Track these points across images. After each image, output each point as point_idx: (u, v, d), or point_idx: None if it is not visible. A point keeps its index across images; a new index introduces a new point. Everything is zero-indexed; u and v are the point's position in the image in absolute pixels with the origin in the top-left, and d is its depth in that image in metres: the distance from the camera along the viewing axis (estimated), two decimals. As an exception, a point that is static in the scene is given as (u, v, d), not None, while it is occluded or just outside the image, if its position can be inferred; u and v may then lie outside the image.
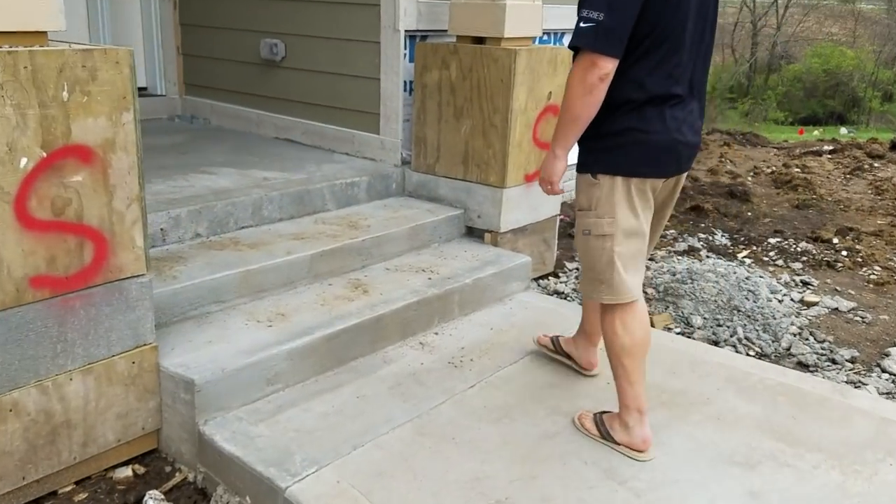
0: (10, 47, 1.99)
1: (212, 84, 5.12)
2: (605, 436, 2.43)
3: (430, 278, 3.34)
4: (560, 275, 4.38)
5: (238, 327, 2.74)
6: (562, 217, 5.09)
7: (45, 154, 2.03)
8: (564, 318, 3.38)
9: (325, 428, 2.42)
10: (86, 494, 2.32)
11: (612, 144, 2.23)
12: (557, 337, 2.98)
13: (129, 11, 5.20)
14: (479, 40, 3.84)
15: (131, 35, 5.18)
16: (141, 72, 5.25)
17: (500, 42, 3.75)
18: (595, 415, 2.51)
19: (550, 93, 3.94)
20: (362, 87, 4.21)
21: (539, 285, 4.19)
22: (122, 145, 2.19)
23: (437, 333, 3.19)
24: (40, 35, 2.08)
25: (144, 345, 2.39)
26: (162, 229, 3.09)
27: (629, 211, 2.27)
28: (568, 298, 4.02)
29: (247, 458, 2.24)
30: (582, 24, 2.07)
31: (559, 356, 2.96)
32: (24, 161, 2.00)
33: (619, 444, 2.40)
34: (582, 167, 2.34)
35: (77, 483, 2.36)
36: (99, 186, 2.17)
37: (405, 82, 4.09)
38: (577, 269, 4.51)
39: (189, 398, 2.37)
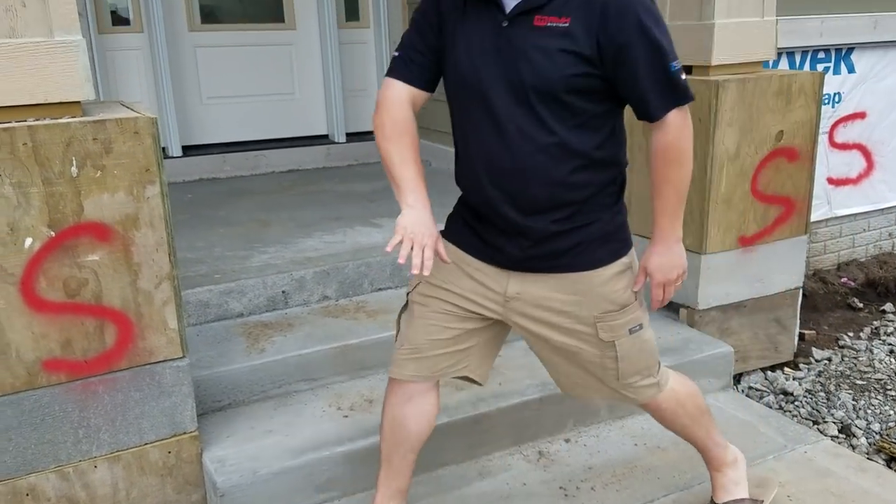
0: (35, 120, 1.90)
1: (431, 125, 4.93)
2: None
3: (575, 368, 2.72)
4: (801, 366, 3.38)
5: (313, 414, 2.43)
6: (843, 279, 4.00)
7: (53, 233, 1.91)
8: (763, 438, 2.53)
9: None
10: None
11: (624, 209, 1.83)
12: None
13: (309, 56, 5.15)
14: (686, 69, 3.08)
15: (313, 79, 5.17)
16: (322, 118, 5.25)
17: (708, 71, 2.97)
18: None
19: (781, 132, 3.03)
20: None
21: (766, 378, 3.26)
22: (146, 221, 2.01)
23: (567, 440, 2.57)
24: (73, 105, 1.98)
25: (183, 433, 2.19)
26: (284, 292, 2.91)
27: None
28: (796, 403, 3.05)
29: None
30: (683, 76, 1.65)
31: None
32: (28, 241, 1.89)
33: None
34: (612, 255, 1.78)
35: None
36: (120, 266, 2.00)
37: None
38: (829, 359, 3.45)
39: (217, 501, 2.11)
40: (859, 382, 3.24)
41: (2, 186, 1.84)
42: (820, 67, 3.95)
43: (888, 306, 4.00)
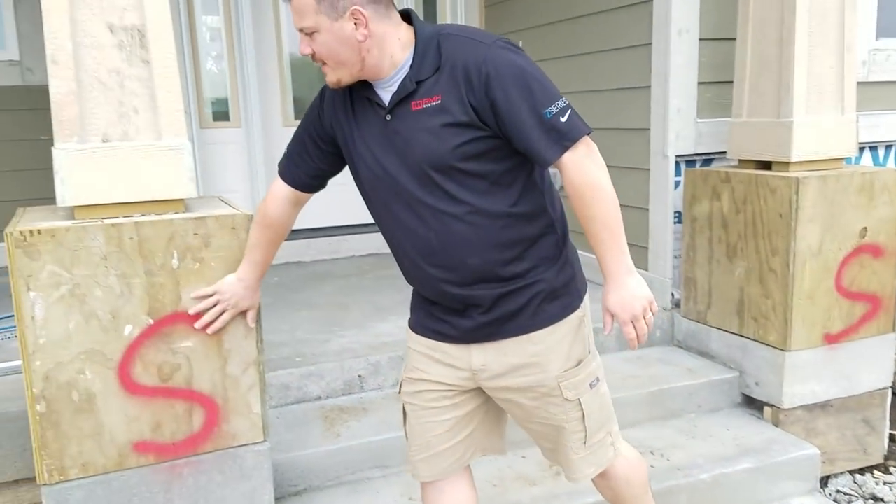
0: (141, 216, 2.06)
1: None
2: None
3: (652, 466, 2.66)
4: (892, 469, 3.21)
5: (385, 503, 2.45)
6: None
7: (151, 321, 2.04)
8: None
9: None
10: None
11: (572, 259, 1.83)
12: None
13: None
14: (766, 165, 3.09)
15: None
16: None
17: (788, 167, 2.96)
18: None
19: (865, 229, 2.98)
20: (629, 218, 3.67)
21: (855, 482, 3.11)
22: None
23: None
24: (177, 202, 2.14)
25: (261, 518, 2.24)
26: (360, 376, 2.98)
27: None
28: (889, 509, 2.89)
29: None
30: (565, 115, 1.63)
31: None
32: (128, 328, 2.03)
33: None
34: (564, 310, 1.79)
35: None
36: (211, 352, 2.11)
37: (675, 213, 3.47)
38: (924, 462, 3.26)
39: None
40: (960, 492, 3.04)
41: (107, 277, 1.99)
42: (906, 161, 3.87)
43: None
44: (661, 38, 3.39)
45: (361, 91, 1.70)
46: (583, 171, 1.62)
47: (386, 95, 1.67)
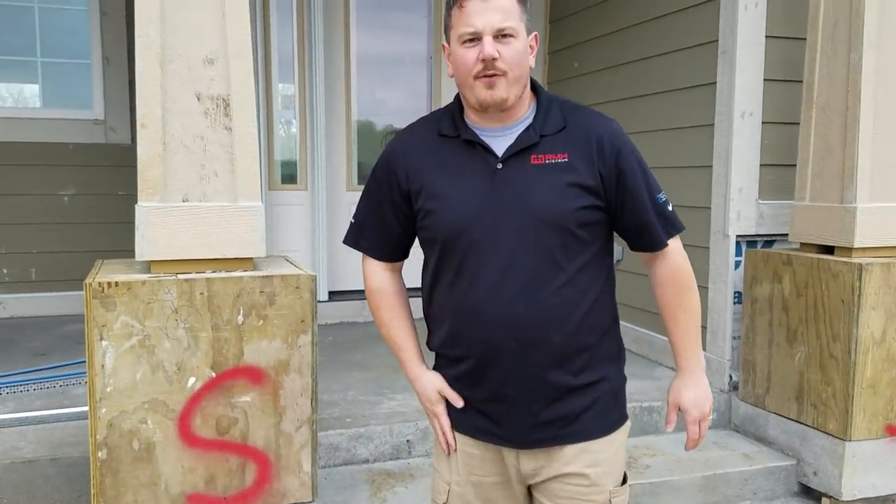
0: (213, 272, 2.16)
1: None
2: None
3: (703, 553, 2.59)
4: (963, 575, 3.04)
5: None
6: None
7: (213, 374, 2.12)
8: None
9: None
10: None
11: (623, 360, 1.71)
12: None
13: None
14: (828, 249, 3.06)
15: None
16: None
17: (851, 252, 2.93)
18: None
19: (931, 318, 2.90)
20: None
21: (921, 585, 2.96)
22: (296, 367, 2.18)
23: None
24: (246, 260, 2.23)
25: (305, 579, 2.25)
26: (408, 441, 2.99)
27: None
28: None
29: None
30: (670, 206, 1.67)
31: None
32: (192, 381, 2.10)
33: None
34: (622, 417, 1.67)
35: None
36: (268, 408, 2.17)
37: (735, 293, 3.44)
38: None
39: None
40: None
41: (176, 330, 2.08)
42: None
43: None
44: (723, 119, 3.43)
45: (465, 134, 1.57)
46: (685, 258, 1.64)
47: (498, 143, 1.55)
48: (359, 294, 5.12)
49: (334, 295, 5.07)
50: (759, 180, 3.42)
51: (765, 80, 3.38)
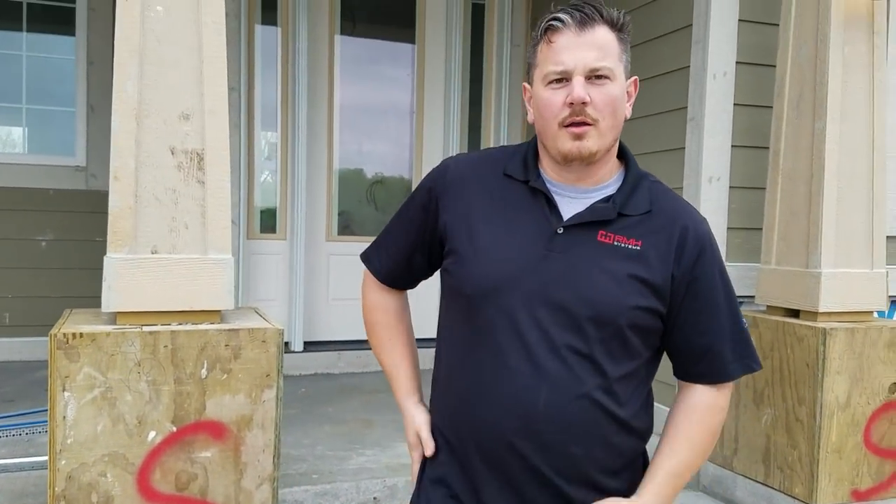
0: (178, 325, 2.17)
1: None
2: None
3: None
4: None
5: None
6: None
7: (174, 429, 2.11)
8: None
9: None
10: None
11: None
12: None
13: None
14: (794, 312, 3.11)
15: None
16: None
17: (816, 317, 2.98)
18: None
19: (895, 384, 2.94)
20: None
21: None
22: (259, 423, 2.18)
23: None
24: (214, 313, 2.25)
25: None
26: (375, 498, 2.96)
27: None
28: None
29: None
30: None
31: None
32: (152, 434, 2.09)
33: None
34: None
35: None
36: (228, 464, 2.16)
37: (704, 354, 3.47)
38: None
39: None
40: None
41: (138, 383, 2.08)
42: (942, 316, 3.84)
43: None
44: (691, 183, 3.51)
45: (534, 181, 1.33)
46: (726, 402, 1.39)
47: (567, 204, 1.32)
48: (335, 345, 5.11)
49: (310, 346, 5.06)
50: (727, 243, 3.48)
51: (733, 146, 3.48)
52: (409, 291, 1.60)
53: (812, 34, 3.05)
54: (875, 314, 3.12)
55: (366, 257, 1.55)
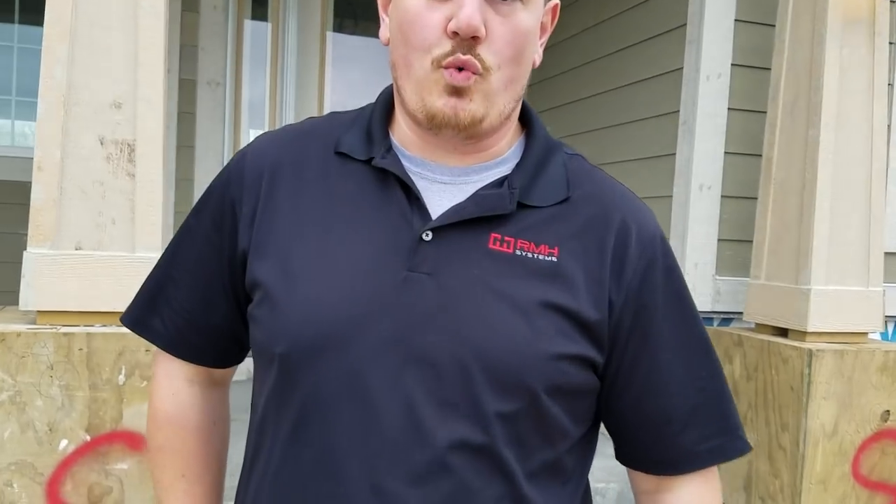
0: (102, 326, 2.03)
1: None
2: None
3: None
4: None
5: None
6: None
7: (88, 438, 1.97)
8: None
9: None
10: None
11: None
12: None
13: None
14: (783, 332, 2.91)
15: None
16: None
17: (804, 336, 2.78)
18: None
19: (887, 412, 2.74)
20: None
21: None
22: (181, 435, 2.03)
23: None
24: (141, 315, 2.10)
25: None
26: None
27: None
28: None
29: None
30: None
31: None
32: (64, 443, 1.95)
33: None
34: None
35: None
36: (146, 477, 2.01)
37: (688, 372, 3.28)
38: None
39: None
40: None
41: (50, 387, 1.94)
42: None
43: None
44: (681, 191, 3.32)
45: (380, 158, 0.85)
46: (718, 485, 0.93)
47: (438, 193, 0.85)
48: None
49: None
50: (717, 255, 3.29)
51: (725, 152, 3.29)
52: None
53: (808, 35, 2.85)
54: (875, 335, 2.92)
55: (136, 320, 0.97)
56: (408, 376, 0.78)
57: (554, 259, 0.83)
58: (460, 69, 0.77)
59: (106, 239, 2.08)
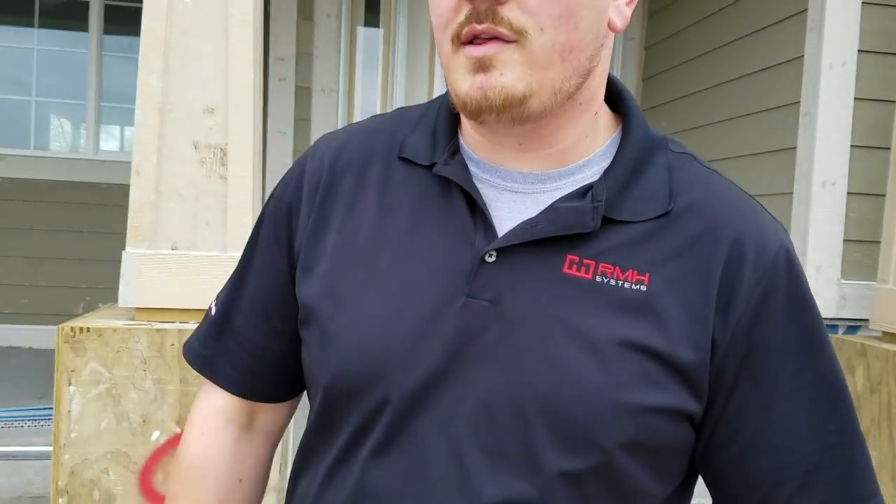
0: (196, 322, 2.11)
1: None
2: None
3: None
4: None
5: None
6: None
7: (178, 430, 2.04)
8: None
9: None
10: None
11: None
12: None
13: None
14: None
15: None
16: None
17: (935, 346, 2.51)
18: None
19: None
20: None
21: None
22: (265, 431, 2.07)
23: None
24: (231, 313, 2.17)
25: None
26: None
27: None
28: None
29: None
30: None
31: None
32: (156, 434, 2.04)
33: None
34: None
35: None
36: (233, 470, 2.07)
37: (808, 384, 3.04)
38: None
39: None
40: None
41: (144, 381, 2.03)
42: None
43: None
44: (802, 188, 3.09)
45: (442, 165, 0.73)
46: None
47: (506, 206, 0.73)
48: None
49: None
50: (842, 258, 3.03)
51: (851, 146, 3.02)
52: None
53: (944, 13, 2.57)
54: None
55: (205, 361, 0.88)
56: (458, 418, 0.68)
57: (643, 288, 0.69)
58: (477, 43, 0.64)
59: (199, 239, 2.16)
